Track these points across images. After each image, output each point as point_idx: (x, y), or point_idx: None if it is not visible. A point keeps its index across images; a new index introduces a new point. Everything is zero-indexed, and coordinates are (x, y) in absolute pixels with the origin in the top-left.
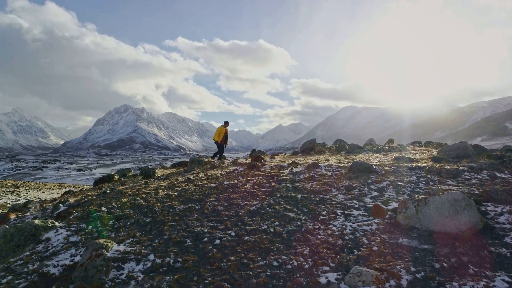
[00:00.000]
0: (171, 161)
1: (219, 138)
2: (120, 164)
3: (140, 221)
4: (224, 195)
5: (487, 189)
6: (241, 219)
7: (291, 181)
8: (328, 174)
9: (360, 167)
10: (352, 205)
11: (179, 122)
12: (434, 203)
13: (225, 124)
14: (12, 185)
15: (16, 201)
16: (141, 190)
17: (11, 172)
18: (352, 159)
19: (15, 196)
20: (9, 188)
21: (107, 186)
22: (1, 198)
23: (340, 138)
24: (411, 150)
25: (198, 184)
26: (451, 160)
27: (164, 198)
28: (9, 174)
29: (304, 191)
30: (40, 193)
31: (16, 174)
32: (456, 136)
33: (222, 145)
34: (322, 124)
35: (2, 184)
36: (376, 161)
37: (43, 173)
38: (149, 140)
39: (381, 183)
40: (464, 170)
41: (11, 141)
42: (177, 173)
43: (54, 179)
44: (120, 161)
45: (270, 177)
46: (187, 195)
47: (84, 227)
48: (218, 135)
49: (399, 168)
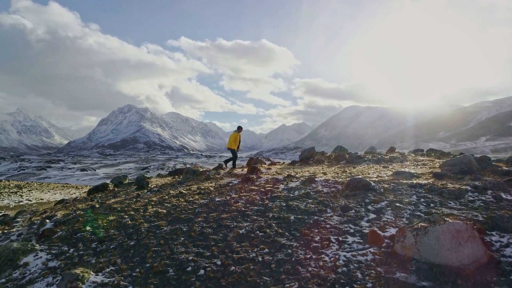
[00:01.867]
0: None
1: (235, 145)
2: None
3: (124, 244)
4: (214, 214)
5: (492, 215)
6: (229, 244)
7: (285, 199)
8: (324, 191)
9: (358, 184)
10: (347, 229)
11: (183, 122)
12: (434, 233)
13: (239, 130)
14: (15, 186)
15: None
16: (130, 205)
17: (15, 172)
18: (351, 173)
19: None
20: (12, 189)
21: (99, 198)
22: (3, 199)
23: (341, 145)
24: (412, 161)
25: (189, 200)
26: (454, 176)
27: (152, 216)
28: (13, 174)
29: (297, 211)
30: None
31: (20, 174)
32: (460, 136)
33: (235, 151)
34: (325, 124)
35: (5, 185)
36: (375, 176)
37: (47, 173)
38: (152, 140)
39: (379, 204)
40: (467, 190)
41: (15, 141)
42: (171, 184)
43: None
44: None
45: (264, 193)
46: (176, 213)
47: (66, 249)
48: (234, 142)
49: (399, 185)
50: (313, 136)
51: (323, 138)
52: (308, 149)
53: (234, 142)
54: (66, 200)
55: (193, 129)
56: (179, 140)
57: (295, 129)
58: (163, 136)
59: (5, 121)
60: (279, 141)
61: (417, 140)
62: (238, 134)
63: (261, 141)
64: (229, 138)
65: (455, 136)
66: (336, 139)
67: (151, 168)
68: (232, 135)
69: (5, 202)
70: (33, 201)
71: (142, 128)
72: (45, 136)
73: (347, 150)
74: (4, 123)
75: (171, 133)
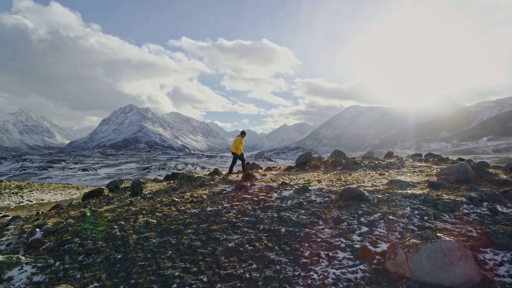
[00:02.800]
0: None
1: (239, 150)
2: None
3: (111, 257)
4: (204, 225)
5: (486, 231)
6: (217, 259)
7: (277, 209)
8: (317, 200)
9: (351, 194)
10: (338, 244)
11: (184, 122)
12: (426, 251)
13: (242, 135)
14: (16, 186)
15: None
16: (121, 214)
17: (17, 172)
18: (346, 181)
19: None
20: (13, 189)
21: (92, 204)
22: (4, 200)
23: (339, 149)
24: (409, 167)
25: (181, 209)
26: (450, 186)
27: (142, 227)
28: (15, 174)
29: (289, 223)
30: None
31: (22, 174)
32: (462, 136)
33: (241, 155)
34: (327, 124)
35: (6, 185)
36: (369, 185)
37: (48, 173)
38: (154, 140)
39: (372, 215)
40: (462, 202)
41: (17, 141)
42: (165, 191)
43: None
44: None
45: (256, 202)
46: (166, 224)
47: (52, 262)
48: (237, 147)
49: (393, 196)
50: (315, 136)
51: (325, 138)
52: (305, 154)
53: (238, 148)
54: (60, 206)
55: (195, 129)
56: (180, 140)
57: (296, 129)
58: (165, 136)
59: (7, 121)
60: (281, 141)
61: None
62: (242, 138)
63: (262, 141)
64: (233, 143)
65: (456, 136)
66: (338, 139)
67: (152, 168)
68: (236, 140)
69: (5, 203)
70: (34, 201)
71: (144, 128)
72: (47, 136)
73: (344, 155)
74: (6, 123)
75: (172, 133)
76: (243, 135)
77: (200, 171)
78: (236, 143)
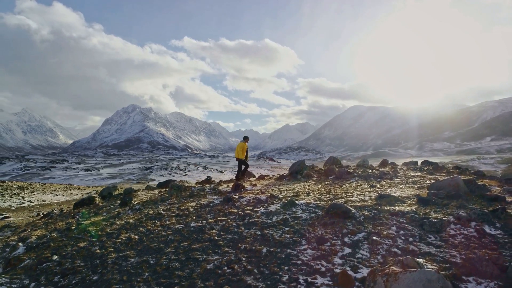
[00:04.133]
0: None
1: (243, 155)
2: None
3: (87, 279)
4: (185, 243)
5: (470, 257)
6: (193, 283)
7: (262, 226)
8: (303, 217)
9: (338, 211)
10: (319, 268)
11: (186, 122)
12: (405, 280)
13: (245, 140)
14: (17, 187)
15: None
16: (105, 228)
17: (20, 172)
18: (335, 194)
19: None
20: (15, 190)
21: (81, 214)
22: (5, 201)
23: (334, 156)
24: (402, 177)
25: (165, 224)
26: (439, 202)
27: (123, 244)
28: (18, 174)
29: (271, 242)
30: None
31: (25, 174)
32: (465, 136)
33: (245, 160)
34: (329, 124)
35: (8, 186)
36: (358, 199)
37: (51, 173)
38: (156, 139)
39: (357, 235)
40: (450, 221)
41: (21, 141)
42: (153, 202)
43: (62, 179)
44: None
45: (242, 217)
46: (148, 241)
47: (27, 283)
48: (241, 152)
49: (380, 213)
50: (317, 136)
51: (327, 138)
52: (298, 162)
53: (242, 152)
54: (51, 214)
55: (197, 129)
56: (183, 140)
57: (298, 129)
58: (167, 136)
59: (11, 121)
60: (283, 141)
61: (422, 140)
62: (245, 143)
63: (264, 140)
64: (236, 148)
65: (460, 136)
66: (340, 139)
67: (154, 169)
68: (239, 145)
69: (7, 204)
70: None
71: (146, 128)
72: (50, 136)
73: (339, 162)
74: (10, 123)
75: (175, 133)
76: (245, 140)
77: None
78: (237, 149)
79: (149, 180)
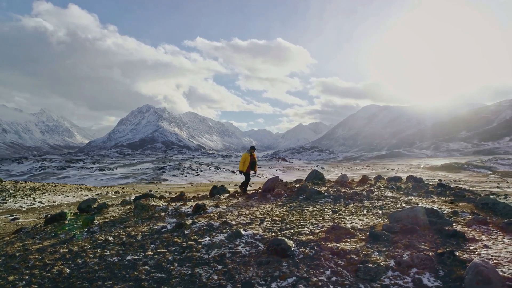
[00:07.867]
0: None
1: (244, 167)
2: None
3: None
4: (109, 283)
5: None
6: None
7: (196, 262)
8: (242, 252)
9: (277, 248)
10: None
11: (200, 122)
12: None
13: (251, 150)
14: (29, 188)
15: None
16: (44, 258)
17: (36, 172)
18: (290, 222)
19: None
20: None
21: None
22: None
23: (316, 170)
24: (374, 199)
25: (104, 255)
26: (390, 239)
27: (51, 279)
28: (35, 174)
29: (196, 285)
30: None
31: (41, 173)
32: (482, 135)
33: (248, 173)
34: (343, 124)
35: (21, 187)
36: (308, 231)
37: (66, 173)
38: (170, 139)
39: (286, 280)
40: (388, 267)
41: (39, 141)
42: (113, 223)
43: (77, 178)
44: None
45: (183, 249)
46: (76, 277)
47: None
48: (242, 164)
49: (322, 251)
50: (330, 136)
51: (341, 137)
52: (272, 179)
53: (243, 164)
54: (23, 230)
55: (210, 128)
56: (196, 140)
57: (312, 128)
58: (181, 135)
59: (29, 121)
60: (296, 141)
61: (437, 140)
62: (250, 155)
63: (278, 140)
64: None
65: (477, 135)
66: (354, 139)
67: (167, 168)
68: (242, 156)
69: (18, 205)
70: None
71: (160, 128)
72: (67, 135)
73: (322, 176)
74: (29, 123)
75: (188, 132)
76: (251, 151)
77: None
78: (240, 161)
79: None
